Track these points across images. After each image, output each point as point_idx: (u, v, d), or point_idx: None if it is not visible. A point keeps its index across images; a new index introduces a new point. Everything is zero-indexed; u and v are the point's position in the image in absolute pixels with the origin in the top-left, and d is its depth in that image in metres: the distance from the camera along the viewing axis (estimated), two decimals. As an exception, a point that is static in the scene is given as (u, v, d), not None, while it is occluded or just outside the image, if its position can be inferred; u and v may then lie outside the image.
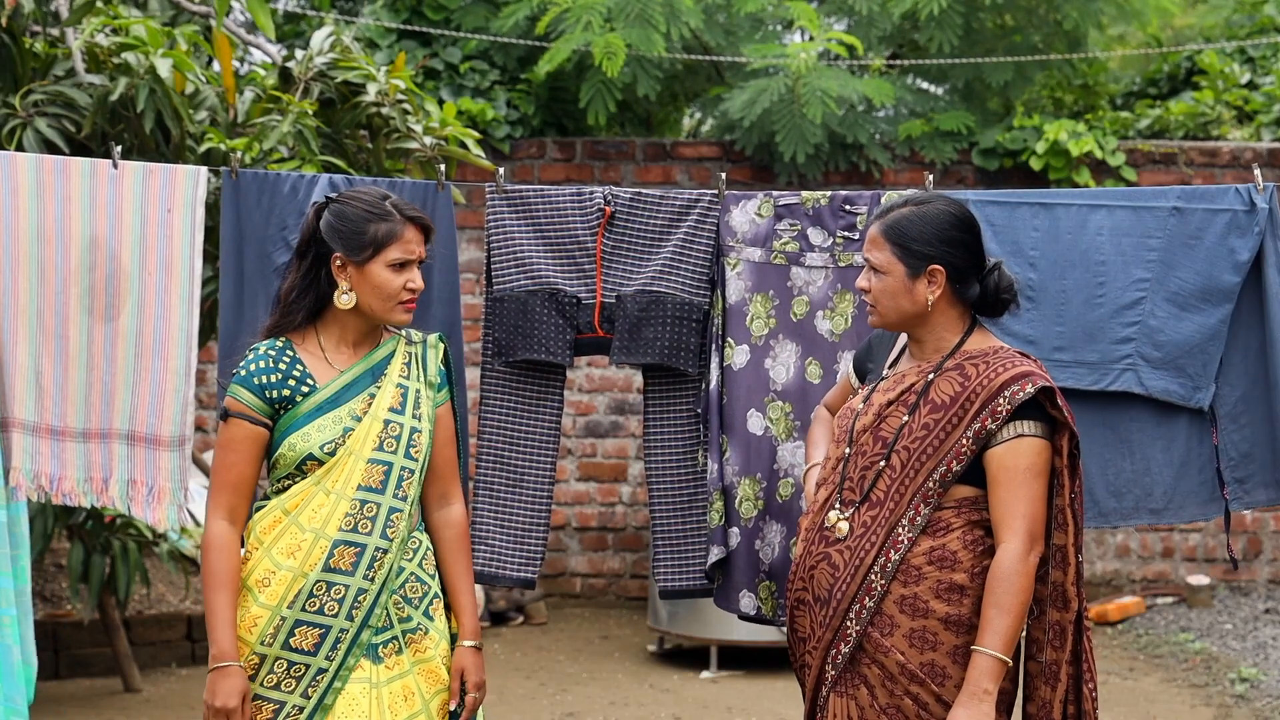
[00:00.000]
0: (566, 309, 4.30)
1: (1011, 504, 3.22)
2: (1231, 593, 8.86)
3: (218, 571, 3.41)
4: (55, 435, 4.13)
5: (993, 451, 3.24)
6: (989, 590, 3.20)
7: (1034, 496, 3.23)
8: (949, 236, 3.33)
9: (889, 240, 3.34)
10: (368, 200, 3.47)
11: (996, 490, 3.24)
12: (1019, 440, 3.23)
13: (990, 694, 3.17)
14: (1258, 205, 4.12)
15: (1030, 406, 3.24)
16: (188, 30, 5.49)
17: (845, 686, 3.31)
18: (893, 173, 8.97)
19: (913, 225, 3.33)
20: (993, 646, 3.18)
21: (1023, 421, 3.23)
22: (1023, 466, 3.22)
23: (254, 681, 3.40)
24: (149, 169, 4.14)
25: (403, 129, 5.22)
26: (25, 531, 4.84)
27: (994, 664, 3.18)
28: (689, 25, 8.54)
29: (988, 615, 3.19)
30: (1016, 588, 3.19)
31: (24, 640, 4.78)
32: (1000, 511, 3.23)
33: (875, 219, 3.40)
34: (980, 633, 3.20)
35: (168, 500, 4.13)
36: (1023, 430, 3.23)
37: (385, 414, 3.46)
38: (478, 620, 3.58)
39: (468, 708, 3.50)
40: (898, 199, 3.45)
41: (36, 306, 4.09)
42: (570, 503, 8.96)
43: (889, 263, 3.34)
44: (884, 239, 3.35)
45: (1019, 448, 3.23)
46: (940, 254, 3.32)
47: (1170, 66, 10.33)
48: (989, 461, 3.25)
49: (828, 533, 3.35)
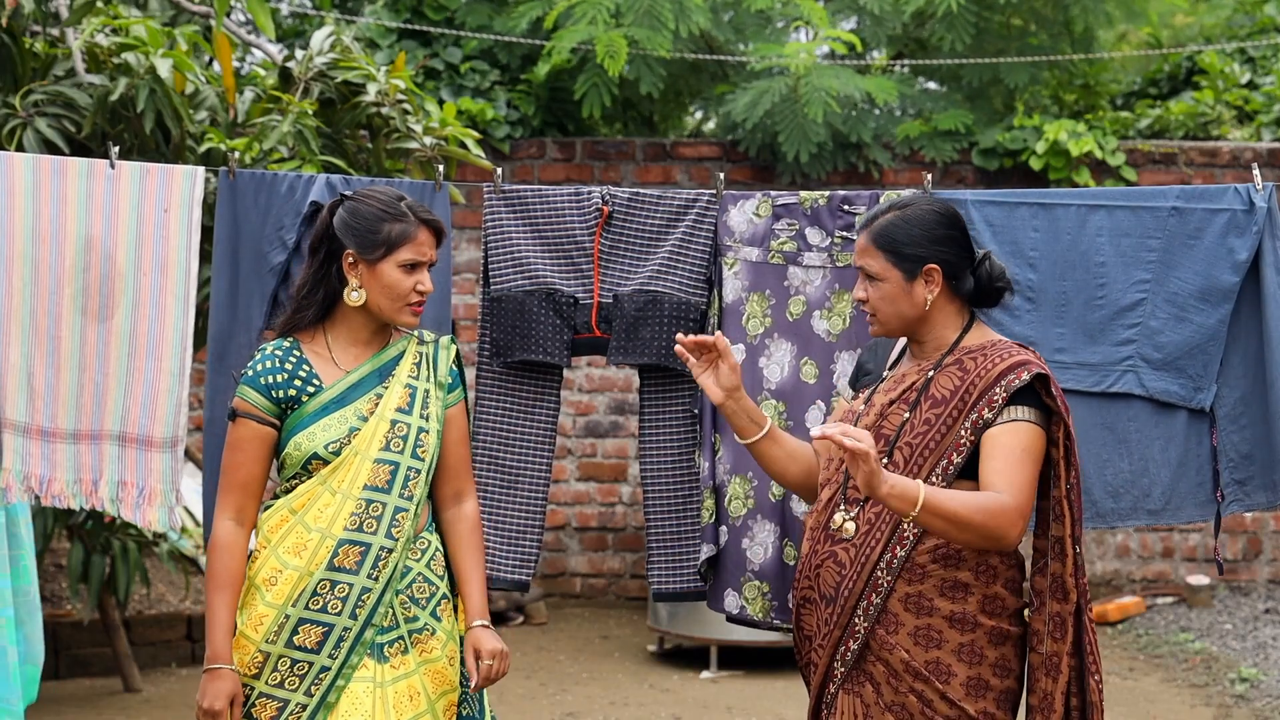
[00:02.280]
0: (564, 309, 4.30)
1: (1004, 471, 3.18)
2: (1231, 593, 8.86)
3: (220, 573, 3.42)
4: (46, 437, 4.10)
5: (989, 432, 3.24)
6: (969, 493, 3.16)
7: (1027, 476, 3.21)
8: (938, 235, 3.35)
9: (880, 248, 3.36)
10: (383, 200, 3.48)
11: (989, 462, 3.21)
12: (1015, 423, 3.24)
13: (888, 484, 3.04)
14: (1256, 205, 4.11)
15: (1025, 394, 3.25)
16: (188, 30, 5.49)
17: (852, 684, 3.31)
18: (892, 172, 8.98)
19: (900, 229, 3.35)
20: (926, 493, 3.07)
21: (1018, 407, 3.24)
22: (1019, 446, 3.22)
23: (258, 680, 3.41)
24: (146, 169, 4.13)
25: (403, 129, 5.22)
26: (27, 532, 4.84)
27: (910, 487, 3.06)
28: (697, 23, 8.54)
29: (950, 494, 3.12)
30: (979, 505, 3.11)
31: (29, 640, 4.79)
32: (991, 479, 3.19)
33: (861, 229, 3.41)
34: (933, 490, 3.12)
35: (159, 502, 4.11)
36: (1018, 415, 3.24)
37: (392, 414, 3.47)
38: (486, 603, 3.56)
39: (481, 675, 3.47)
40: (881, 205, 3.46)
41: (30, 307, 4.07)
42: (570, 503, 8.96)
43: (884, 269, 3.35)
44: (875, 247, 3.36)
45: (1016, 428, 3.24)
46: (933, 253, 3.34)
47: (1170, 66, 10.33)
48: (985, 441, 3.24)
49: (833, 531, 3.36)
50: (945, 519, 3.11)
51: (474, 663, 3.49)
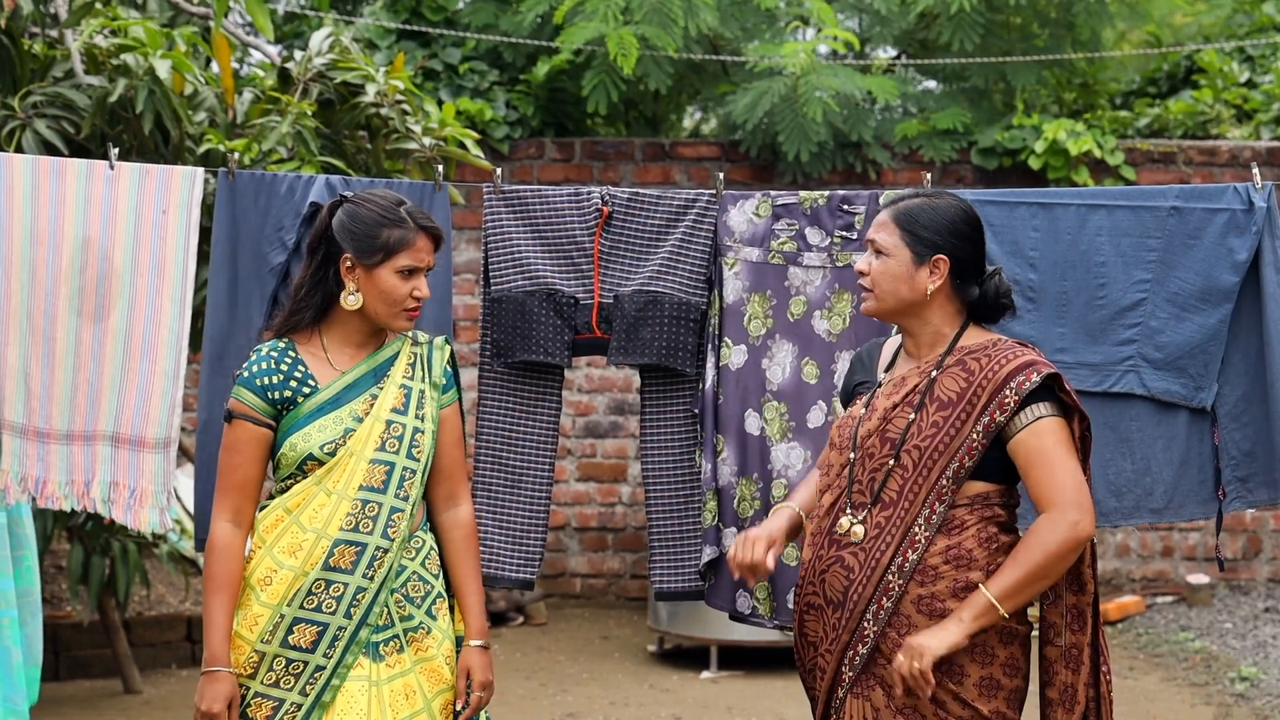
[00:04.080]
0: (564, 309, 4.29)
1: (1047, 479, 3.23)
2: (1231, 592, 8.86)
3: (218, 575, 3.42)
4: (41, 438, 4.09)
5: (1016, 440, 3.26)
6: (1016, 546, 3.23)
7: (1071, 468, 3.23)
8: (958, 230, 3.36)
9: (899, 225, 3.38)
10: (383, 204, 3.48)
11: (1031, 472, 3.25)
12: (1038, 422, 3.25)
13: (964, 623, 3.18)
14: (1256, 204, 4.11)
15: (1039, 393, 3.26)
16: (186, 31, 5.48)
17: (861, 688, 3.31)
18: (892, 172, 8.97)
19: (924, 213, 3.37)
20: (992, 589, 3.19)
21: (1036, 405, 3.25)
22: (1049, 444, 3.24)
23: (254, 679, 3.41)
24: (145, 170, 4.13)
25: (402, 130, 5.22)
26: (29, 533, 4.84)
27: (984, 602, 3.19)
28: (706, 21, 8.54)
29: (1004, 565, 3.21)
30: (1038, 548, 3.19)
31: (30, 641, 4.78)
32: (1041, 490, 3.24)
33: (886, 205, 3.44)
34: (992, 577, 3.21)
35: (150, 503, 4.09)
36: (1040, 412, 3.25)
37: (387, 414, 3.47)
38: (485, 620, 3.58)
39: (471, 706, 3.50)
40: (910, 190, 3.49)
41: (27, 308, 4.07)
42: (570, 503, 8.96)
43: (895, 246, 3.37)
44: (894, 223, 3.39)
45: (1041, 428, 3.25)
46: (947, 244, 3.35)
47: (1169, 65, 10.33)
48: (1015, 450, 3.26)
49: (839, 536, 3.35)
50: (1026, 586, 3.19)
51: (463, 684, 3.51)
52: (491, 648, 3.59)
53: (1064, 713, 3.31)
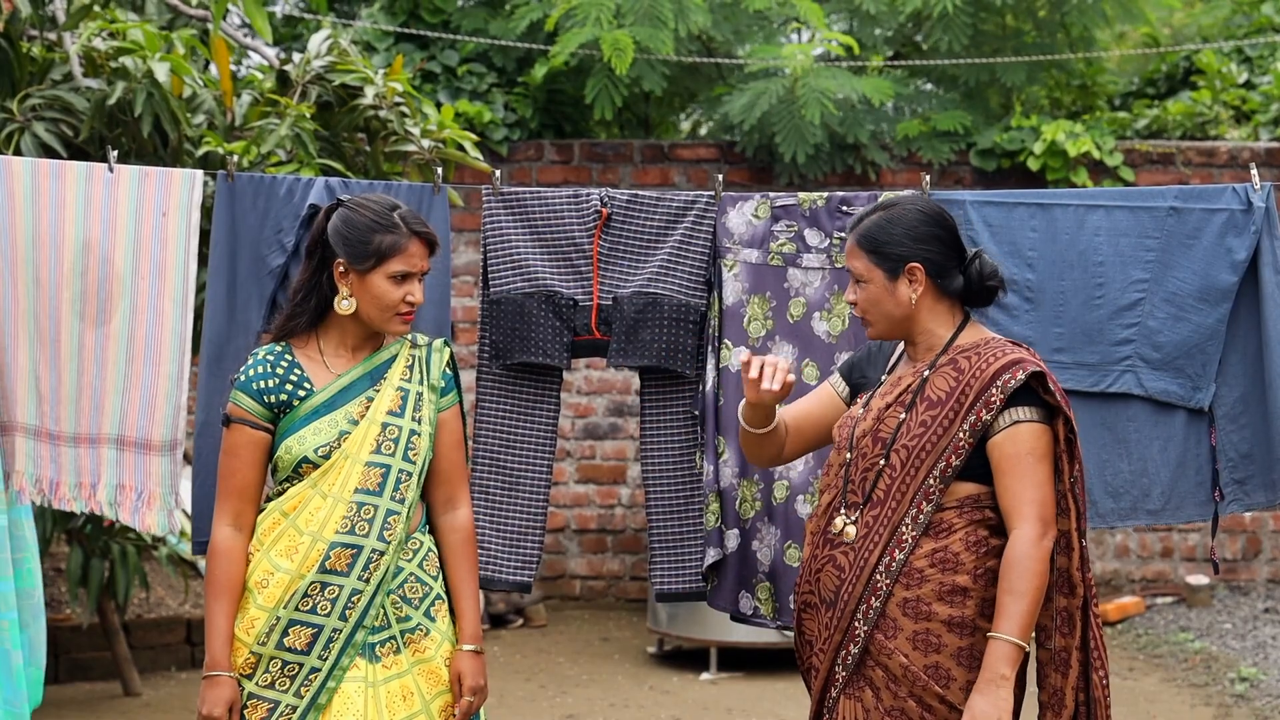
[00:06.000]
0: (563, 311, 4.29)
1: (1018, 490, 3.23)
2: (1231, 592, 8.86)
3: (219, 579, 3.43)
4: (53, 440, 4.13)
5: (993, 441, 3.26)
6: (1003, 576, 3.21)
7: (1040, 480, 3.23)
8: (920, 233, 3.36)
9: (863, 249, 3.38)
10: (376, 210, 3.48)
11: (1002, 479, 3.25)
12: (1016, 427, 3.24)
13: (1008, 679, 3.18)
14: (1254, 205, 4.12)
15: (1024, 393, 3.26)
16: (185, 34, 5.48)
17: (853, 689, 3.31)
18: (890, 173, 8.98)
19: (882, 229, 3.37)
20: (1009, 632, 3.18)
21: (1018, 408, 3.25)
22: (1024, 452, 3.23)
23: (250, 681, 3.42)
24: (145, 172, 4.13)
25: (400, 132, 5.22)
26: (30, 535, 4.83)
27: (1011, 649, 3.18)
28: (697, 22, 8.54)
29: (1003, 601, 3.19)
30: (1030, 572, 3.19)
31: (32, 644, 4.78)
32: (1008, 499, 3.24)
33: (849, 231, 3.44)
34: (996, 619, 3.20)
35: (157, 505, 4.11)
36: (1019, 416, 3.25)
37: (383, 417, 3.47)
38: (479, 624, 3.58)
39: (461, 711, 3.50)
40: (868, 207, 3.48)
41: (33, 311, 4.09)
42: (569, 505, 8.96)
43: (868, 270, 3.37)
44: (858, 248, 3.39)
45: (1018, 434, 3.24)
46: (914, 251, 3.34)
47: (1168, 66, 10.33)
48: (991, 451, 3.26)
49: (833, 536, 3.36)
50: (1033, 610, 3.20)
51: (456, 688, 3.51)
52: (485, 652, 3.59)
53: (1053, 715, 3.32)
